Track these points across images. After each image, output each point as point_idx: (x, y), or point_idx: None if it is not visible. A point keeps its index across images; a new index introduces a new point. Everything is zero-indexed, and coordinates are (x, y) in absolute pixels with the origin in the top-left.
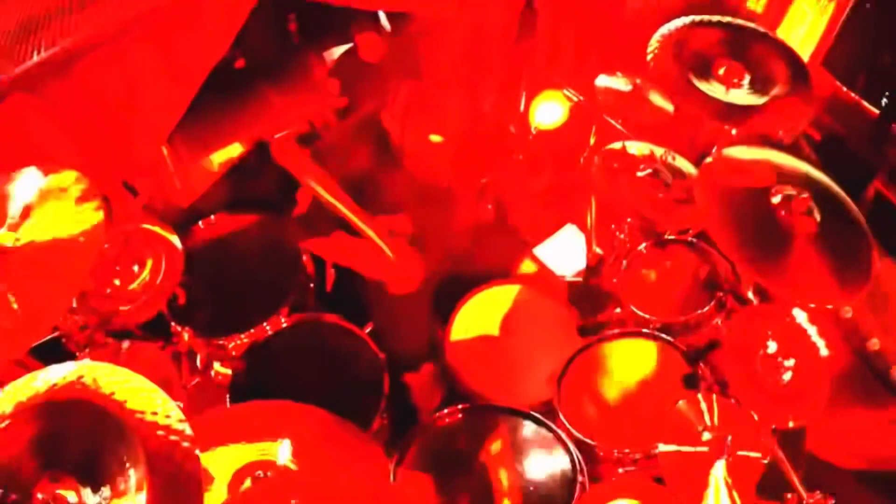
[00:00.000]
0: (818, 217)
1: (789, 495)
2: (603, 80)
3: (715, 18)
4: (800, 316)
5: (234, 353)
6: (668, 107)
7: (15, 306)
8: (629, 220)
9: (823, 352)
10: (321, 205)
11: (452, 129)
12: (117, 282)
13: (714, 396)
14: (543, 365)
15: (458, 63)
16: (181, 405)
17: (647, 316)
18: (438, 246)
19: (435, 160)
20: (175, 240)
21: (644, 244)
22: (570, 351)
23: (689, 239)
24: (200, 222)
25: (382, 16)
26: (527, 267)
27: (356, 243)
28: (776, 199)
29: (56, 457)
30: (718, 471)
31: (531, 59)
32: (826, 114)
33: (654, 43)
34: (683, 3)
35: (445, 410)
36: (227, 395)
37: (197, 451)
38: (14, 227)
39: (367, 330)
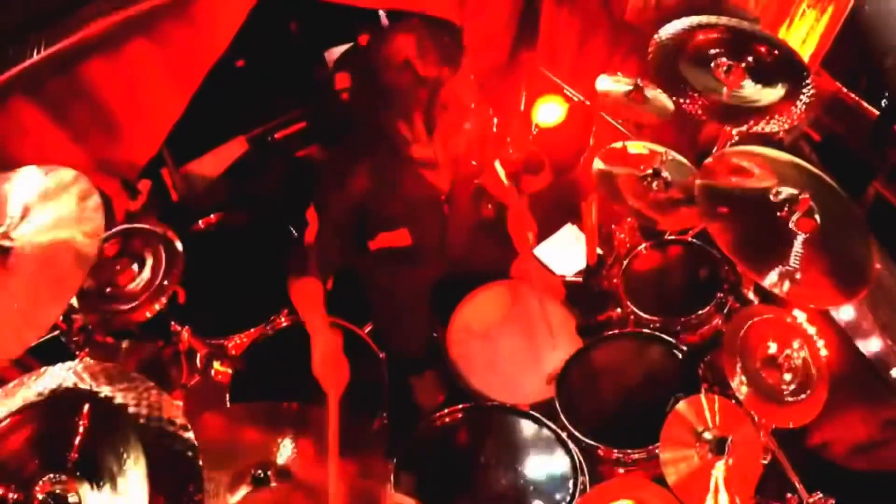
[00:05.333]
0: (818, 217)
1: (789, 495)
2: (603, 81)
3: (715, 19)
4: (800, 316)
5: (233, 352)
6: (669, 107)
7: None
8: (629, 219)
9: (823, 352)
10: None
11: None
12: (117, 282)
13: (714, 396)
14: (543, 365)
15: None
16: (181, 405)
17: (647, 316)
18: (438, 254)
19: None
20: (175, 240)
21: (644, 244)
22: (570, 351)
23: (689, 239)
24: (200, 222)
25: (382, 14)
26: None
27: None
28: (776, 199)
29: (56, 457)
30: (718, 471)
31: (531, 59)
32: (826, 114)
33: (654, 43)
34: (684, 3)
35: (445, 410)
36: (227, 395)
37: (196, 451)
38: (14, 227)
39: (367, 330)
